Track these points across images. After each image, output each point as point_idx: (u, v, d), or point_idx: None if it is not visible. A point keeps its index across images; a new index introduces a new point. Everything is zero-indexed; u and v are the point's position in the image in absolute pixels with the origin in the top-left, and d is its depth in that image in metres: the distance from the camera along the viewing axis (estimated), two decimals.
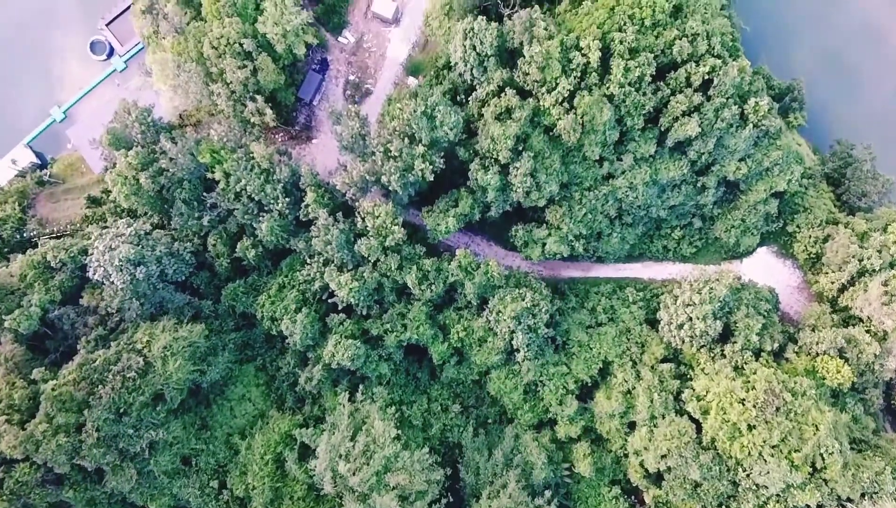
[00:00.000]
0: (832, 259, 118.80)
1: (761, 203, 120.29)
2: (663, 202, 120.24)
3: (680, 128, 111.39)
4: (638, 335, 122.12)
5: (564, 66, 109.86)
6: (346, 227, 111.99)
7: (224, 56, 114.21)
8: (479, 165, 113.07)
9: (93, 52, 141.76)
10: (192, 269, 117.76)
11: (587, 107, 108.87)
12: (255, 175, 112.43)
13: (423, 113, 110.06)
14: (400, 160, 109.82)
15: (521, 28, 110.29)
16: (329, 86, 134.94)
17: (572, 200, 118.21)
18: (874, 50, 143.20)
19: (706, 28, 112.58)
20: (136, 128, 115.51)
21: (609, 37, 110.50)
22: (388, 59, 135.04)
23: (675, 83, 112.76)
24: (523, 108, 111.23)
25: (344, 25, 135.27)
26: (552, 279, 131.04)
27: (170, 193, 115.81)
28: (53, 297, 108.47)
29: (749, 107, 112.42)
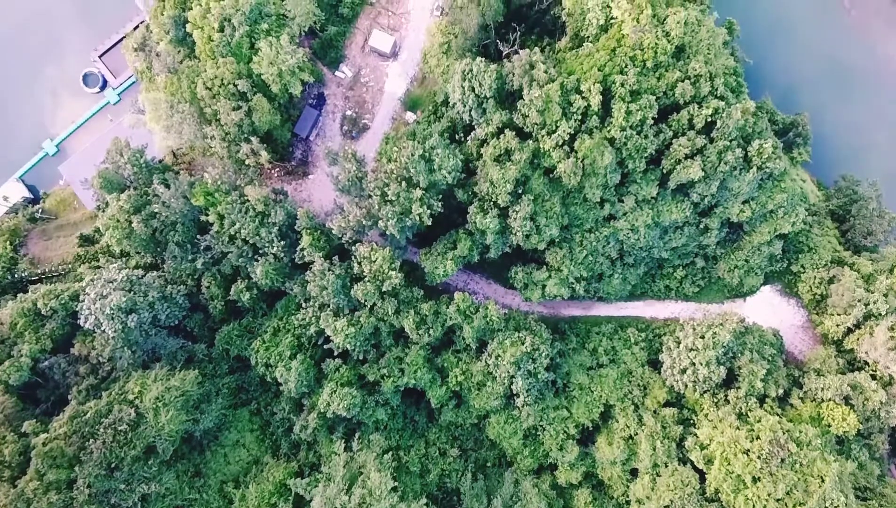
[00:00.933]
0: (838, 302, 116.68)
1: (765, 244, 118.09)
2: (665, 243, 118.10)
3: (682, 171, 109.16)
4: (640, 377, 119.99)
5: (565, 109, 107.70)
6: (342, 272, 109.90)
7: (218, 97, 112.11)
8: (477, 208, 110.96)
9: (86, 84, 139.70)
10: (186, 312, 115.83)
11: (588, 151, 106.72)
12: (249, 218, 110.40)
13: (421, 156, 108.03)
14: (397, 204, 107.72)
15: (520, 71, 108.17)
16: (326, 122, 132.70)
17: (573, 242, 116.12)
18: (880, 83, 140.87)
19: (709, 69, 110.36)
20: (129, 170, 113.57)
21: (610, 79, 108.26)
22: (386, 93, 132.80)
23: (678, 125, 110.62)
24: (523, 150, 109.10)
25: (341, 59, 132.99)
26: (552, 317, 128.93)
27: (163, 236, 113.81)
28: (44, 346, 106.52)
29: (753, 149, 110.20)
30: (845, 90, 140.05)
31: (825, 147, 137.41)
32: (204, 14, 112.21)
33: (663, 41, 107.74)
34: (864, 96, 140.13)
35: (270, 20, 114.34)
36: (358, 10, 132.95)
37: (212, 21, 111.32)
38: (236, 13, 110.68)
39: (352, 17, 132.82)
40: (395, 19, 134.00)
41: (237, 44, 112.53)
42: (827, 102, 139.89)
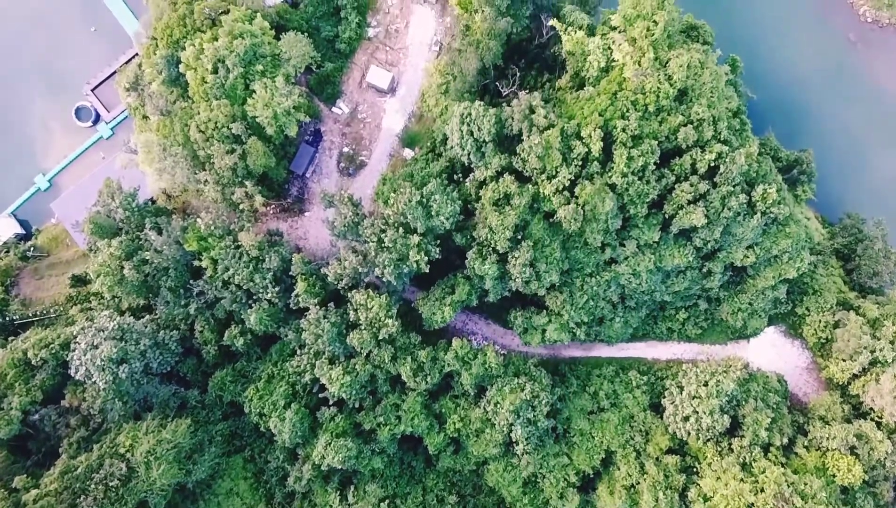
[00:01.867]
0: (843, 347, 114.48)
1: (770, 289, 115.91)
2: (668, 288, 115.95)
3: (685, 217, 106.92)
4: (642, 422, 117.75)
5: (565, 155, 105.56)
6: (337, 320, 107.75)
7: (212, 140, 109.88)
8: (476, 254, 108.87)
9: (78, 118, 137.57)
10: (179, 356, 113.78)
11: (589, 197, 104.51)
12: (243, 264, 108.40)
13: (419, 202, 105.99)
14: (394, 251, 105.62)
15: (519, 115, 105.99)
16: (322, 158, 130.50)
17: (573, 286, 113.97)
18: (886, 117, 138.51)
19: (712, 113, 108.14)
20: (120, 214, 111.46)
21: (611, 124, 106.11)
22: (384, 129, 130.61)
23: (680, 169, 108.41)
24: (522, 195, 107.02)
25: (338, 95, 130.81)
26: (552, 359, 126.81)
27: (155, 281, 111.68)
28: (34, 398, 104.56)
29: (757, 194, 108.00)
30: (851, 124, 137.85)
31: (830, 182, 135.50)
32: (197, 55, 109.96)
33: (665, 85, 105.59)
34: (870, 131, 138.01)
35: (265, 61, 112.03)
36: (355, 45, 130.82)
37: (205, 62, 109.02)
38: (230, 54, 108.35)
39: (349, 52, 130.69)
40: (393, 54, 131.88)
41: (231, 85, 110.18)
42: (832, 137, 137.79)
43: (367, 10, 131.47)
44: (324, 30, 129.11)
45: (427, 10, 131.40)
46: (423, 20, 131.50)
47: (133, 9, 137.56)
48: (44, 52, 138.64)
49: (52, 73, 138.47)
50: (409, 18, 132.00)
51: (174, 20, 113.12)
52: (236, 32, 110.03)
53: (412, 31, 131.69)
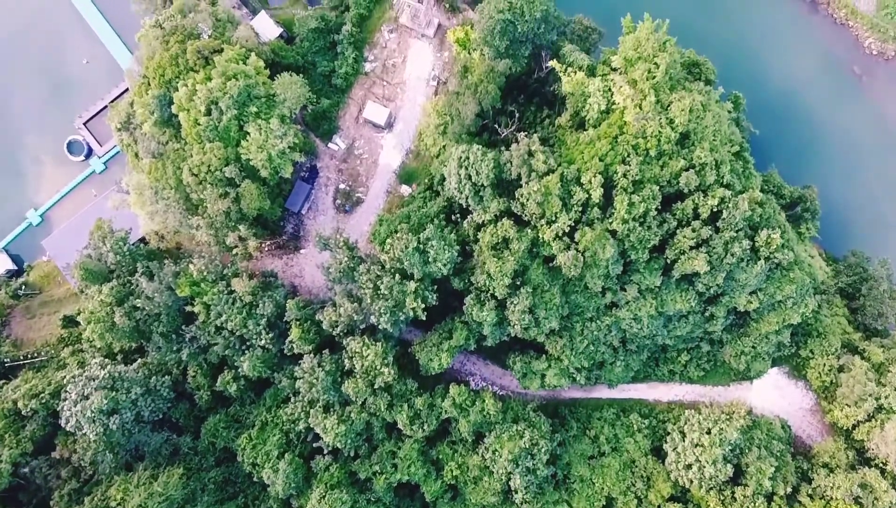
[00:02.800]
0: (848, 393, 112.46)
1: (773, 333, 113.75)
2: (670, 332, 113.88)
3: (687, 262, 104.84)
4: (643, 468, 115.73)
5: (565, 201, 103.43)
6: (332, 368, 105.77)
7: (204, 183, 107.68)
8: (474, 300, 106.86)
9: (70, 152, 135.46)
10: (171, 402, 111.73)
11: (589, 244, 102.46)
12: (236, 309, 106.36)
13: (416, 249, 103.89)
14: (390, 298, 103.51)
15: (518, 160, 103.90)
16: (318, 195, 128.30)
17: (573, 330, 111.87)
18: (892, 151, 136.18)
19: (714, 156, 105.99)
20: (111, 258, 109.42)
21: (612, 169, 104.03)
22: (381, 165, 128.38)
23: (682, 214, 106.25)
24: (521, 240, 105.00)
25: (334, 131, 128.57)
26: (552, 400, 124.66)
27: (147, 326, 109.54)
28: (25, 449, 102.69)
29: (761, 239, 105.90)
30: (855, 158, 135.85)
31: (834, 216, 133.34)
32: (190, 96, 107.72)
33: (667, 129, 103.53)
34: (876, 165, 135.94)
35: (259, 102, 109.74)
36: (352, 80, 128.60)
37: (198, 104, 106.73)
38: (224, 96, 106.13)
39: (346, 87, 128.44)
40: (390, 89, 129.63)
41: (225, 127, 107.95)
42: (836, 171, 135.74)
43: (364, 44, 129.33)
44: (320, 65, 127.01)
45: (425, 45, 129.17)
46: (420, 55, 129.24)
47: (126, 41, 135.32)
48: (35, 84, 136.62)
49: (43, 106, 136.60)
50: (407, 53, 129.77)
51: (166, 59, 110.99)
52: (230, 73, 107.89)
53: (410, 65, 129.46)
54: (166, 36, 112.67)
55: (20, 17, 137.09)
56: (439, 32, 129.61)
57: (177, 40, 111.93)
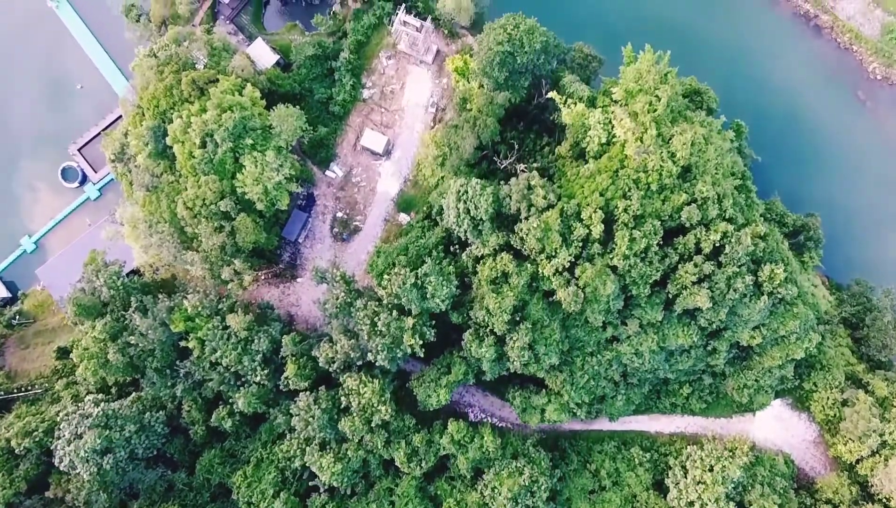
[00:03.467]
0: (852, 428, 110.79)
1: (777, 368, 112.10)
2: (671, 366, 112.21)
3: (689, 298, 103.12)
4: (644, 502, 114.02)
5: (565, 236, 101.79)
6: (328, 405, 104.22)
7: (199, 217, 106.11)
8: (472, 336, 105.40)
9: (64, 179, 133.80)
10: (166, 436, 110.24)
11: (589, 279, 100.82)
12: (231, 345, 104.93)
13: (413, 285, 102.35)
14: (388, 335, 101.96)
15: (518, 195, 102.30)
16: (316, 223, 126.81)
17: (573, 365, 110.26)
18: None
19: (717, 190, 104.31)
20: (105, 293, 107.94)
21: (613, 203, 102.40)
22: (379, 193, 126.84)
23: (684, 248, 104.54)
24: (520, 275, 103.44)
25: (332, 158, 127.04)
26: (552, 432, 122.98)
27: (140, 361, 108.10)
28: (19, 488, 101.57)
29: (764, 274, 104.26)
30: (860, 184, 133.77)
31: (838, 243, 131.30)
32: (185, 128, 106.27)
33: (669, 163, 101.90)
34: (880, 191, 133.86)
35: (255, 134, 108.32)
36: (349, 107, 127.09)
37: (193, 136, 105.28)
38: (219, 129, 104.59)
39: (343, 114, 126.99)
40: (388, 116, 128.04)
41: (220, 160, 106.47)
42: (840, 197, 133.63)
43: (361, 71, 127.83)
44: (317, 92, 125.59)
45: (423, 72, 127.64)
46: (419, 81, 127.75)
47: (121, 65, 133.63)
48: (29, 109, 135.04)
49: (37, 132, 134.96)
50: (405, 79, 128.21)
51: (161, 90, 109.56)
52: (225, 105, 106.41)
53: (408, 92, 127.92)
54: (161, 66, 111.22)
55: (13, 41, 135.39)
56: (438, 59, 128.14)
57: (171, 70, 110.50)
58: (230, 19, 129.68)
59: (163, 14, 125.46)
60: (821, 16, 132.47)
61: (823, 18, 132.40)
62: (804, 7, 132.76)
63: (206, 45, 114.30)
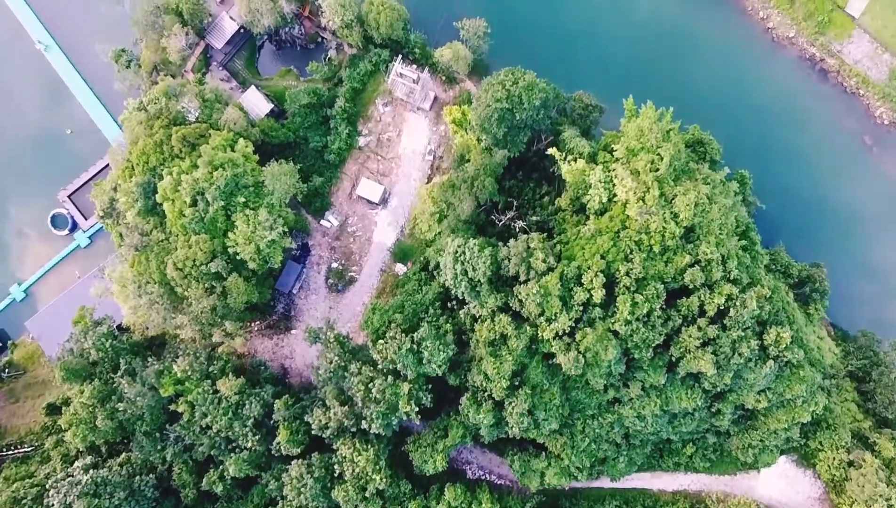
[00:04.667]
0: (858, 491, 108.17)
1: (782, 430, 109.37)
2: (675, 428, 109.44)
3: (693, 362, 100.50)
4: None
5: (565, 300, 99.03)
6: (321, 473, 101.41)
7: (189, 278, 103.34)
8: (470, 400, 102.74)
9: (54, 226, 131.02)
10: (156, 500, 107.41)
11: (590, 345, 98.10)
12: (222, 410, 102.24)
13: (409, 350, 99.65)
14: (383, 402, 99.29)
15: (517, 258, 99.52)
16: (310, 274, 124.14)
17: (574, 428, 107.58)
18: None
19: (721, 251, 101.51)
20: (94, 354, 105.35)
21: (614, 266, 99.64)
22: (375, 243, 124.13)
23: (688, 310, 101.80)
24: (520, 338, 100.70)
25: (327, 207, 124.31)
26: (552, 491, 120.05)
27: (130, 424, 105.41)
28: None
29: (769, 337, 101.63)
30: (866, 231, 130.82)
31: (844, 291, 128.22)
32: (175, 186, 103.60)
33: (671, 225, 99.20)
34: (887, 238, 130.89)
35: (247, 191, 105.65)
36: (345, 155, 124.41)
37: (183, 194, 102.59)
38: (210, 187, 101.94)
39: (339, 162, 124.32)
40: (385, 164, 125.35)
41: (211, 219, 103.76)
42: (846, 244, 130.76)
43: (357, 118, 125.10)
44: (312, 140, 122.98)
45: (420, 119, 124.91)
46: (416, 128, 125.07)
47: (111, 110, 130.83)
48: (18, 154, 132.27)
49: (26, 177, 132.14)
50: (402, 127, 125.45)
51: (150, 146, 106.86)
52: (217, 162, 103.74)
53: (405, 139, 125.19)
54: (150, 120, 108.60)
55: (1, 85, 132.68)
56: (436, 105, 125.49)
57: (161, 125, 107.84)
58: (223, 65, 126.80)
59: (154, 60, 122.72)
60: (827, 59, 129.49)
61: (830, 62, 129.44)
62: (810, 50, 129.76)
63: (197, 97, 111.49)
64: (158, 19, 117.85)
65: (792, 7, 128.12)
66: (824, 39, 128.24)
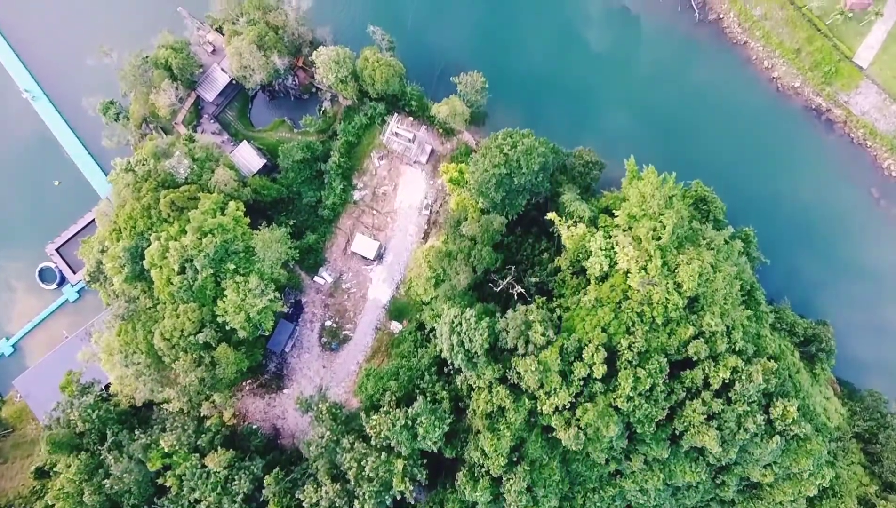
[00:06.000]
0: None
1: (788, 502, 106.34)
2: (678, 501, 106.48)
3: (697, 436, 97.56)
4: None
5: (565, 374, 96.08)
6: None
7: (177, 349, 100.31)
8: (467, 477, 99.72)
9: (42, 280, 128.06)
10: None
11: (591, 420, 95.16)
12: (210, 486, 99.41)
13: (404, 426, 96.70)
14: (376, 480, 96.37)
15: (515, 332, 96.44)
16: (303, 331, 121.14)
17: (574, 501, 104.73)
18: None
19: (726, 322, 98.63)
20: (81, 425, 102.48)
21: (616, 339, 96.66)
22: (370, 300, 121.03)
23: (692, 383, 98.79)
24: (518, 411, 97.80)
25: (321, 263, 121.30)
26: None
27: (118, 498, 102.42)
28: None
29: (776, 411, 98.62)
30: (873, 286, 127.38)
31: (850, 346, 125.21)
32: (162, 253, 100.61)
33: (675, 296, 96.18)
34: (894, 292, 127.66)
35: (238, 258, 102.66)
36: (340, 210, 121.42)
37: (171, 262, 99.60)
38: (199, 254, 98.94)
39: (333, 217, 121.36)
40: (380, 218, 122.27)
41: (200, 287, 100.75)
42: (853, 298, 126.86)
43: (352, 172, 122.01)
44: (306, 195, 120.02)
45: (417, 172, 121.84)
46: (412, 182, 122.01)
47: (99, 161, 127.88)
48: (4, 205, 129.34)
49: (13, 230, 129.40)
50: (398, 180, 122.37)
51: (138, 211, 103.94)
52: (206, 228, 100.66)
53: (401, 193, 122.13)
54: (138, 182, 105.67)
55: None
56: (433, 158, 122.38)
57: (149, 188, 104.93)
58: (214, 116, 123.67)
59: (143, 113, 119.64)
60: (833, 110, 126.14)
61: (836, 113, 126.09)
62: (816, 101, 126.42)
63: (187, 156, 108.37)
64: (147, 73, 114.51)
65: (798, 57, 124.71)
66: (831, 90, 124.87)
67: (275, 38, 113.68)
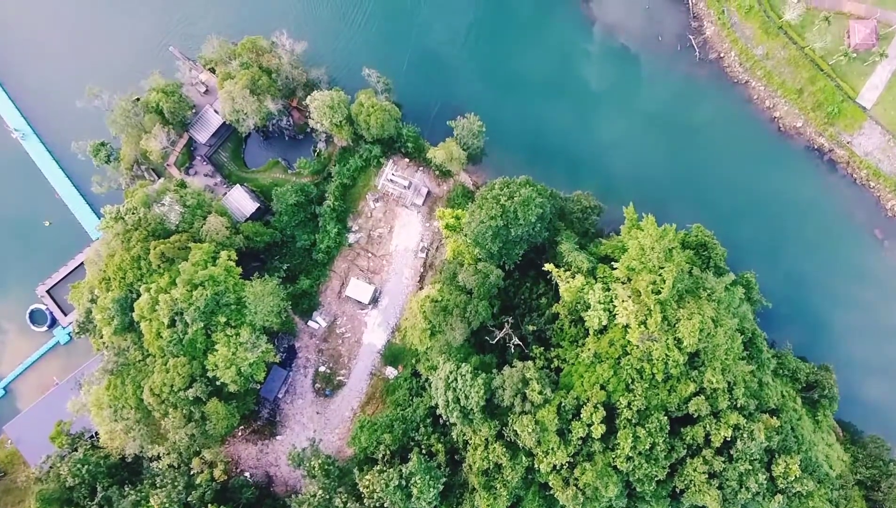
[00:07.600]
0: None
1: None
2: None
3: (698, 495, 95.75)
4: None
5: (563, 433, 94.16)
6: None
7: (167, 404, 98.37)
8: None
9: (33, 321, 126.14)
10: None
11: (590, 480, 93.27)
12: None
13: (398, 486, 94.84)
14: None
15: (512, 390, 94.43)
16: (297, 377, 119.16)
17: None
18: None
19: (728, 378, 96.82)
20: (71, 481, 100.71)
21: (615, 396, 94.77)
22: (364, 345, 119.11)
23: (693, 440, 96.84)
24: (515, 468, 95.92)
25: (315, 308, 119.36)
26: None
27: None
28: None
29: (778, 469, 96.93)
30: (876, 328, 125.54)
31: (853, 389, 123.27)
32: (152, 305, 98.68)
33: (675, 352, 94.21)
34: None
35: (229, 310, 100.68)
36: (334, 253, 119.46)
37: (161, 315, 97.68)
38: (189, 307, 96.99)
39: (327, 260, 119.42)
40: (375, 261, 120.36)
41: (190, 340, 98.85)
42: (857, 340, 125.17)
43: (347, 214, 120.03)
44: (300, 239, 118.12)
45: (412, 215, 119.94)
46: (408, 224, 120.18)
47: (90, 201, 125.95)
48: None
49: (3, 271, 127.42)
50: (394, 223, 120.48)
51: (127, 261, 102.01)
52: (196, 281, 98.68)
53: (397, 236, 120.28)
54: (128, 232, 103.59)
55: None
56: (429, 200, 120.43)
57: (139, 238, 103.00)
58: (207, 158, 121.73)
59: (134, 155, 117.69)
60: (836, 150, 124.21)
61: (839, 153, 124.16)
62: (818, 141, 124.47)
63: (178, 203, 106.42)
64: (137, 117, 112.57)
65: (800, 97, 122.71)
66: (833, 130, 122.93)
67: (268, 81, 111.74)
